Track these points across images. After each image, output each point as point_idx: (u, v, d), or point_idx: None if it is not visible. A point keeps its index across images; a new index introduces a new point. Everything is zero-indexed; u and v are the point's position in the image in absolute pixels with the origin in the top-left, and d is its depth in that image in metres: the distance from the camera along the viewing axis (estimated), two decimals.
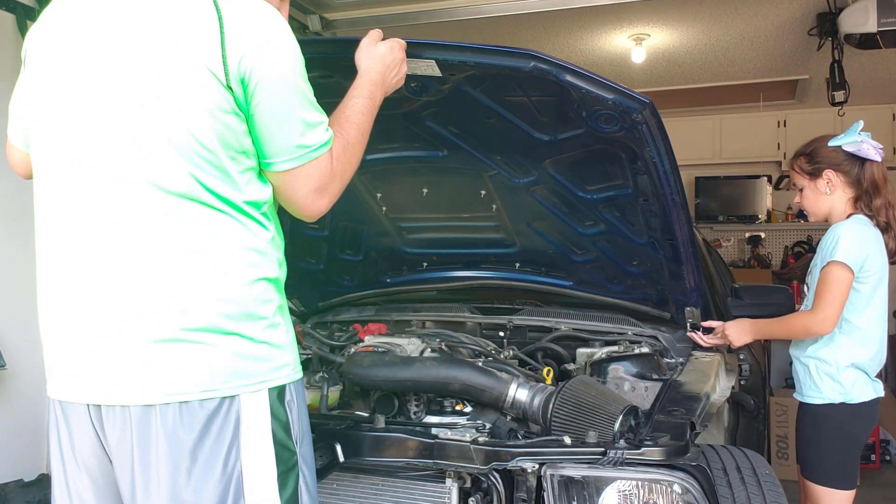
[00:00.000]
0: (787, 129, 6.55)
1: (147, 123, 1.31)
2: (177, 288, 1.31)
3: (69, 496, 1.42)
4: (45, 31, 1.43)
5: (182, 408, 1.30)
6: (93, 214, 1.34)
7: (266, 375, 1.37)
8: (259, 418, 1.35)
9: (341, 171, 1.47)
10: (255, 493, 1.34)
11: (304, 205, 1.45)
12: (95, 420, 1.36)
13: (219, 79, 1.30)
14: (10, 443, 3.26)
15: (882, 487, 4.80)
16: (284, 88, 1.37)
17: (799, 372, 2.58)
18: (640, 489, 1.64)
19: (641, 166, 2.12)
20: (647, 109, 1.89)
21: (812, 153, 2.57)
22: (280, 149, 1.38)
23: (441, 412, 2.05)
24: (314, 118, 1.41)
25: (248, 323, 1.35)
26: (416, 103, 2.08)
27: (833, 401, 2.47)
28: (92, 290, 1.34)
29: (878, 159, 2.48)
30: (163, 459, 1.30)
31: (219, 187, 1.33)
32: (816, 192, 2.57)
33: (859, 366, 2.47)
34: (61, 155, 1.38)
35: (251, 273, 1.36)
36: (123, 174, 1.32)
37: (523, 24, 4.41)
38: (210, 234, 1.33)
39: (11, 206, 3.07)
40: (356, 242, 2.86)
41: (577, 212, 2.46)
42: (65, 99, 1.37)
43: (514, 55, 1.84)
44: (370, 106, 1.58)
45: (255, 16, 1.36)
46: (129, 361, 1.31)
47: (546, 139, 2.18)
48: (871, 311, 2.47)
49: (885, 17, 3.73)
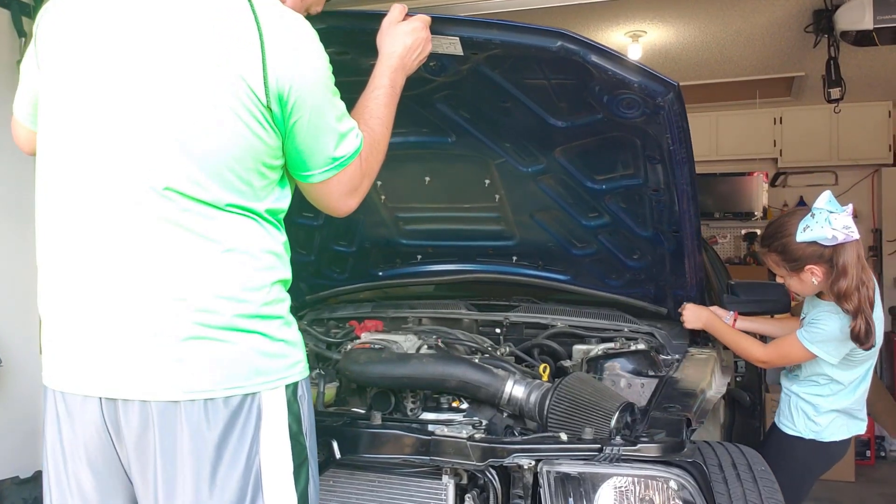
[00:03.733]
0: (784, 126, 6.55)
1: (175, 133, 1.30)
2: (199, 287, 1.31)
3: (69, 492, 1.39)
4: (64, 12, 1.39)
5: (207, 405, 1.30)
6: (113, 212, 1.32)
7: (283, 372, 1.38)
8: (278, 414, 1.37)
9: (369, 171, 1.51)
10: (274, 487, 1.36)
11: (336, 206, 1.50)
12: (108, 416, 1.33)
13: (258, 97, 1.30)
14: (6, 440, 3.26)
15: (877, 483, 4.82)
16: (320, 105, 1.38)
17: (781, 401, 2.62)
18: (636, 486, 1.65)
19: (657, 155, 2.09)
20: (672, 93, 1.86)
21: (785, 251, 2.37)
22: (316, 163, 1.41)
23: (437, 409, 2.05)
24: (346, 127, 1.43)
25: (266, 321, 1.36)
26: (430, 85, 2.04)
27: (804, 436, 2.51)
28: (111, 284, 1.32)
29: (855, 237, 2.28)
30: (187, 456, 1.30)
31: (241, 200, 1.34)
32: (802, 283, 2.42)
33: (842, 410, 2.49)
34: (80, 150, 1.35)
35: (271, 275, 1.38)
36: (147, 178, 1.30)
37: (519, 19, 4.40)
38: (234, 235, 1.34)
39: (7, 201, 3.07)
40: (350, 232, 2.84)
41: (583, 202, 2.45)
42: (86, 96, 1.34)
43: (542, 33, 1.82)
44: (392, 94, 1.59)
45: (292, 31, 1.35)
46: (152, 357, 1.30)
47: (560, 125, 2.15)
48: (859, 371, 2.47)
49: (882, 14, 3.72)
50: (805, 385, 2.52)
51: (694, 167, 2.09)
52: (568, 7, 4.08)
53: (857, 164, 6.43)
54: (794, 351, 2.43)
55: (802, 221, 2.32)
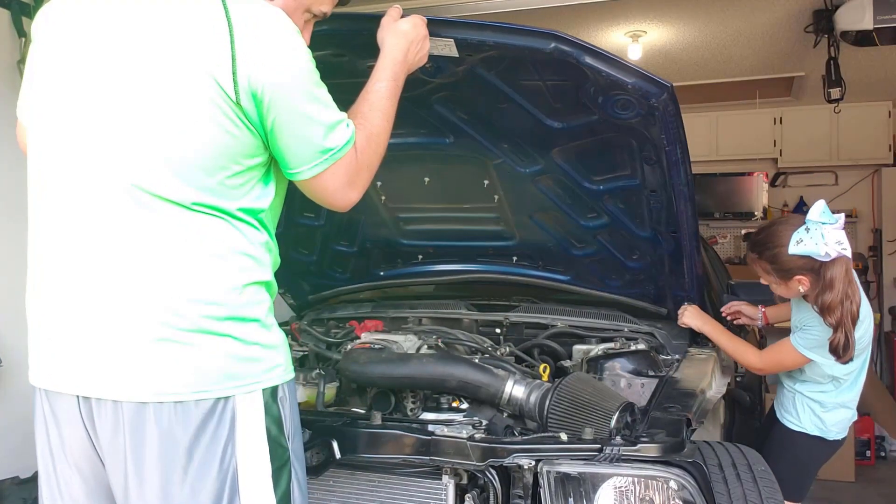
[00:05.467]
0: (784, 127, 6.55)
1: (144, 131, 1.30)
2: (167, 288, 1.30)
3: (59, 494, 1.40)
4: (59, 16, 1.40)
5: (177, 407, 1.29)
6: (85, 209, 1.33)
7: (259, 377, 1.36)
8: (254, 417, 1.35)
9: (368, 162, 1.47)
10: (251, 490, 1.34)
11: (334, 200, 1.46)
12: (85, 415, 1.34)
13: (227, 94, 1.29)
14: (5, 440, 3.26)
15: (877, 483, 4.82)
16: (300, 100, 1.35)
17: (784, 396, 2.63)
18: (636, 485, 1.65)
19: (653, 155, 2.10)
20: (666, 94, 1.87)
21: (775, 261, 2.37)
22: (303, 158, 1.38)
23: (438, 409, 2.05)
24: (332, 119, 1.39)
25: (239, 325, 1.34)
26: (427, 86, 2.05)
27: (809, 432, 2.53)
28: (85, 282, 1.33)
29: (848, 254, 2.28)
30: (158, 458, 1.29)
31: (211, 199, 1.32)
32: (789, 290, 2.43)
33: (845, 404, 2.51)
34: (57, 148, 1.36)
35: (243, 277, 1.35)
36: (116, 176, 1.31)
37: (518, 20, 4.39)
38: (201, 237, 1.32)
39: (7, 201, 3.06)
40: (352, 233, 2.84)
41: (581, 203, 2.45)
42: (67, 94, 1.35)
43: (535, 35, 1.82)
44: (394, 88, 1.57)
45: (264, 27, 1.33)
46: (122, 356, 1.30)
47: (557, 126, 2.16)
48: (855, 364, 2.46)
49: (882, 14, 3.72)
50: (808, 385, 2.53)
51: (690, 168, 2.10)
52: (568, 7, 4.08)
53: (858, 165, 6.42)
54: (790, 357, 2.45)
55: (796, 234, 2.29)
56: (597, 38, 4.86)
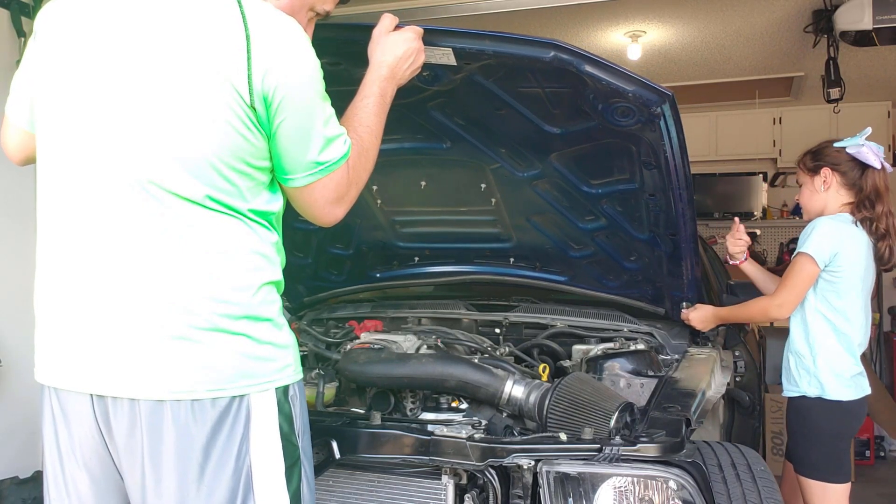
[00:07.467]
0: (783, 127, 6.55)
1: (160, 129, 1.30)
2: (183, 286, 1.30)
3: (66, 492, 1.39)
4: (64, 13, 1.40)
5: (194, 405, 1.30)
6: (101, 207, 1.33)
7: (272, 376, 1.37)
8: (268, 416, 1.36)
9: (357, 179, 1.49)
10: (265, 488, 1.35)
11: (321, 215, 1.47)
12: (99, 413, 1.33)
13: (242, 97, 1.30)
14: (5, 440, 3.26)
15: (876, 483, 4.82)
16: (307, 107, 1.36)
17: (784, 367, 2.67)
18: (635, 485, 1.65)
19: (652, 161, 2.09)
20: (667, 102, 1.87)
21: (817, 152, 2.65)
22: (299, 165, 1.39)
23: (437, 409, 2.05)
24: (333, 132, 1.41)
25: (253, 324, 1.35)
26: (424, 93, 2.04)
27: (809, 394, 2.54)
28: (100, 279, 1.32)
29: (878, 166, 2.52)
30: (175, 456, 1.29)
31: (224, 198, 1.33)
32: (812, 189, 2.62)
33: (834, 360, 2.52)
34: (72, 147, 1.36)
35: (257, 276, 1.37)
36: (131, 174, 1.31)
37: (518, 20, 4.40)
38: (216, 235, 1.33)
39: (8, 201, 3.07)
40: (347, 236, 2.84)
41: (579, 206, 2.45)
42: (79, 92, 1.35)
43: (535, 44, 1.81)
44: (381, 104, 1.57)
45: (280, 32, 1.34)
46: (139, 354, 1.30)
47: (556, 132, 2.15)
48: (846, 308, 2.53)
49: (881, 14, 3.73)
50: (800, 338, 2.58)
51: (690, 172, 2.10)
52: (568, 7, 4.08)
53: None
54: (795, 269, 2.50)
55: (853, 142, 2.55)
56: (596, 38, 4.87)
